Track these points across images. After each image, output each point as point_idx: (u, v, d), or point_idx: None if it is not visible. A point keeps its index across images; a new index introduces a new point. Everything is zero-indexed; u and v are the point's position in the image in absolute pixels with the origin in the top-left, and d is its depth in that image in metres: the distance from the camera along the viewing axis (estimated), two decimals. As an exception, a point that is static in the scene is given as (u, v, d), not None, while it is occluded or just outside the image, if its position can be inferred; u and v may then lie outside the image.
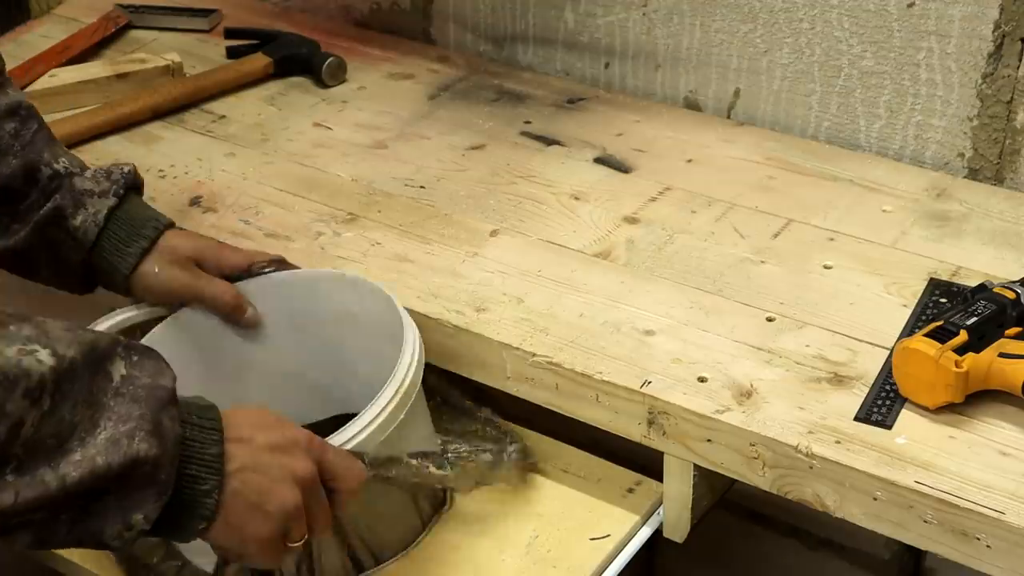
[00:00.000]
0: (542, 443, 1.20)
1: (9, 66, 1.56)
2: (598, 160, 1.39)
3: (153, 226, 1.16)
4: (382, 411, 1.00)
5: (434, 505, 1.13)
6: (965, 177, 1.35)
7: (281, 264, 1.18)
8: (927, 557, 1.44)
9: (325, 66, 1.56)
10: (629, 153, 1.39)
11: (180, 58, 1.58)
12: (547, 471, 1.17)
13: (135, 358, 0.86)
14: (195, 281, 1.15)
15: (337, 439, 0.98)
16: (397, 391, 1.02)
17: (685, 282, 1.19)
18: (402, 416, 1.02)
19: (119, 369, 0.84)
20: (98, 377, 0.83)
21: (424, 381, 1.07)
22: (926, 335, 1.01)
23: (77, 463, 0.80)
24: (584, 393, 1.09)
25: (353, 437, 0.98)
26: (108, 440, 0.81)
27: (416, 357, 1.05)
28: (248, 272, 1.17)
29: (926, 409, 1.02)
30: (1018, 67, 1.28)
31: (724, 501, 1.18)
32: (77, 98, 1.53)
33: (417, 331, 1.08)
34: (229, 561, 0.98)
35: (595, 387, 1.08)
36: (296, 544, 0.92)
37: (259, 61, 1.58)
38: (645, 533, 1.12)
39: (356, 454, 0.97)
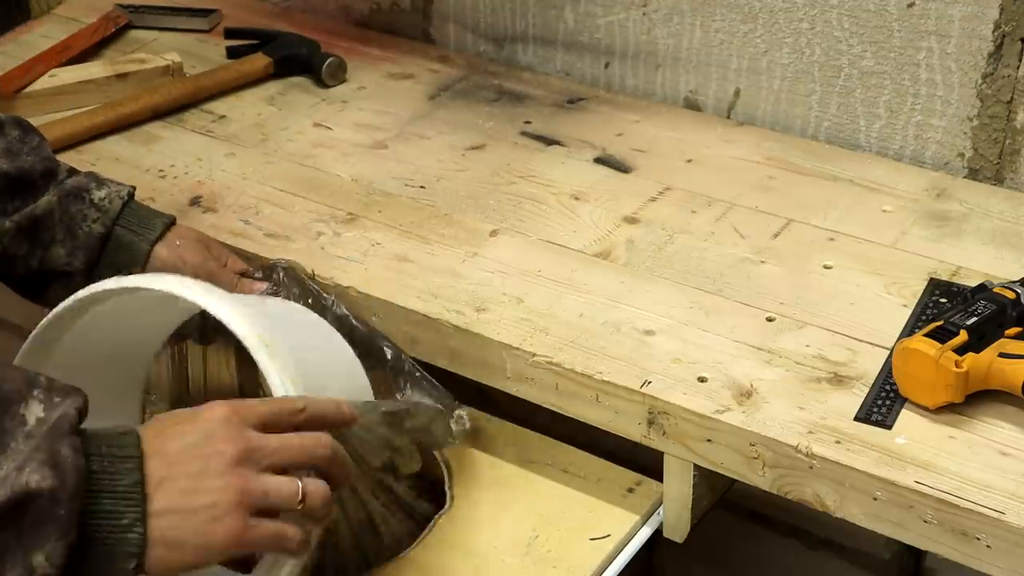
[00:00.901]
0: (542, 443, 1.20)
1: (9, 66, 1.57)
2: (598, 160, 1.39)
3: (169, 215, 1.19)
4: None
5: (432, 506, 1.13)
6: (965, 177, 1.35)
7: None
8: (927, 557, 1.43)
9: (325, 66, 1.56)
10: (629, 153, 1.39)
11: (180, 58, 1.58)
12: (547, 471, 1.17)
13: (56, 399, 0.80)
14: (208, 263, 1.16)
15: None
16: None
17: (685, 282, 1.19)
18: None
19: (36, 410, 0.79)
20: (6, 416, 0.78)
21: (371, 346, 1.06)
22: (926, 335, 1.01)
23: None
24: (584, 393, 1.09)
25: None
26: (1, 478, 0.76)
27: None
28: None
29: (926, 409, 1.02)
30: (1018, 67, 1.28)
31: (724, 501, 1.18)
32: (77, 98, 1.53)
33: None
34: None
35: (595, 387, 1.08)
36: (298, 506, 0.85)
37: (259, 61, 1.58)
38: (645, 533, 1.12)
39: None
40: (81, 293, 0.97)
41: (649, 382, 1.07)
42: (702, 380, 1.07)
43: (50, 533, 0.76)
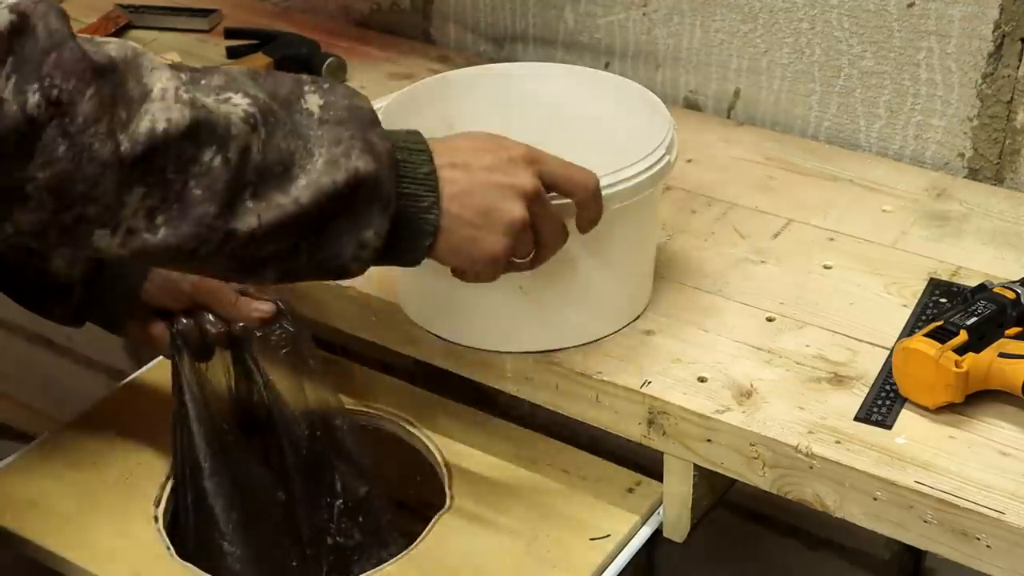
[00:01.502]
0: (542, 443, 1.20)
1: (9, 66, 1.57)
2: (598, 160, 1.38)
3: None
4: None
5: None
6: (965, 177, 1.35)
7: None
8: (927, 557, 1.44)
9: (325, 66, 1.56)
10: (629, 153, 1.39)
11: (180, 58, 1.58)
12: (547, 471, 1.17)
13: (326, 86, 0.89)
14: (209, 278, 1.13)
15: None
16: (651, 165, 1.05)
17: (685, 282, 1.19)
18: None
19: (315, 100, 0.88)
20: (294, 112, 0.87)
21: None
22: (926, 335, 1.01)
23: (305, 187, 0.84)
24: (584, 393, 1.09)
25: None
26: (327, 162, 0.85)
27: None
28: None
29: (926, 409, 1.02)
30: (1018, 67, 1.28)
31: (724, 501, 1.18)
32: (77, 98, 1.53)
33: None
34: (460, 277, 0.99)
35: (595, 387, 1.08)
36: (523, 261, 0.97)
37: (259, 61, 1.58)
38: (645, 533, 1.12)
39: None
40: None
41: (649, 382, 1.07)
42: (702, 380, 1.07)
43: (376, 210, 0.88)
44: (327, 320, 1.23)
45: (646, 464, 1.14)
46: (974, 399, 1.01)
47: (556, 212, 0.97)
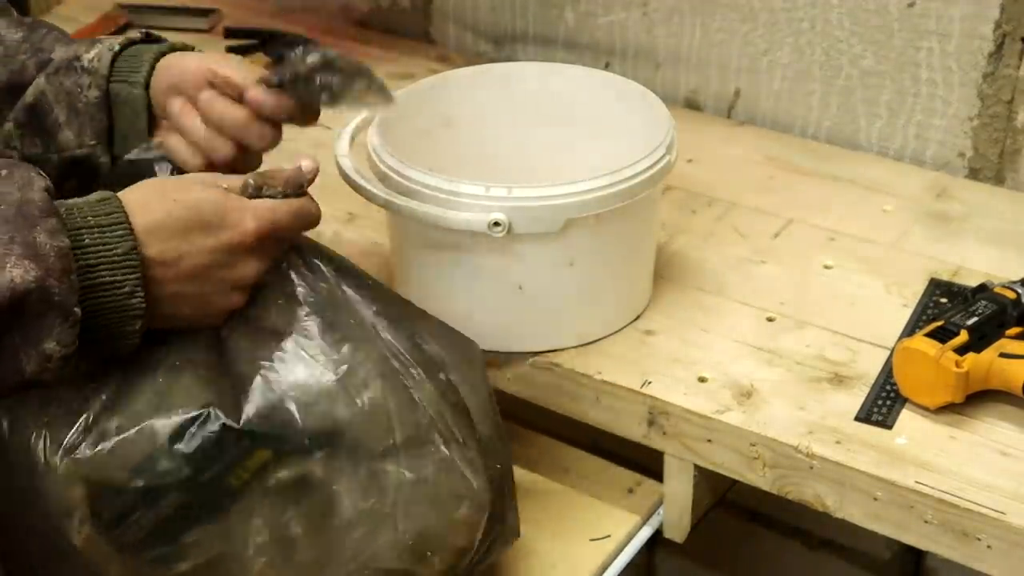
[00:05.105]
0: (542, 443, 1.20)
1: (9, 66, 1.57)
2: (598, 160, 1.38)
3: (168, 43, 1.05)
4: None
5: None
6: (965, 177, 1.35)
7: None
8: (927, 557, 1.43)
9: (325, 66, 1.55)
10: (629, 153, 1.39)
11: (180, 58, 1.58)
12: (547, 471, 1.17)
13: (3, 172, 0.78)
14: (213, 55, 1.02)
15: None
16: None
17: (685, 282, 1.19)
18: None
19: None
20: None
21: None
22: (927, 335, 1.01)
23: None
24: (584, 393, 1.09)
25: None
26: None
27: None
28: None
29: (926, 409, 1.02)
30: (1019, 67, 1.28)
31: (724, 501, 1.18)
32: (77, 98, 1.53)
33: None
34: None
35: (595, 387, 1.08)
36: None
37: (259, 61, 1.58)
38: (645, 533, 1.12)
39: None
40: None
41: (649, 382, 1.07)
42: (702, 380, 1.07)
43: (53, 321, 0.77)
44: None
45: (646, 464, 1.14)
46: (974, 399, 1.01)
47: (289, 219, 0.89)
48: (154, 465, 0.85)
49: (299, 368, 0.88)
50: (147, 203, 0.84)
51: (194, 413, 0.85)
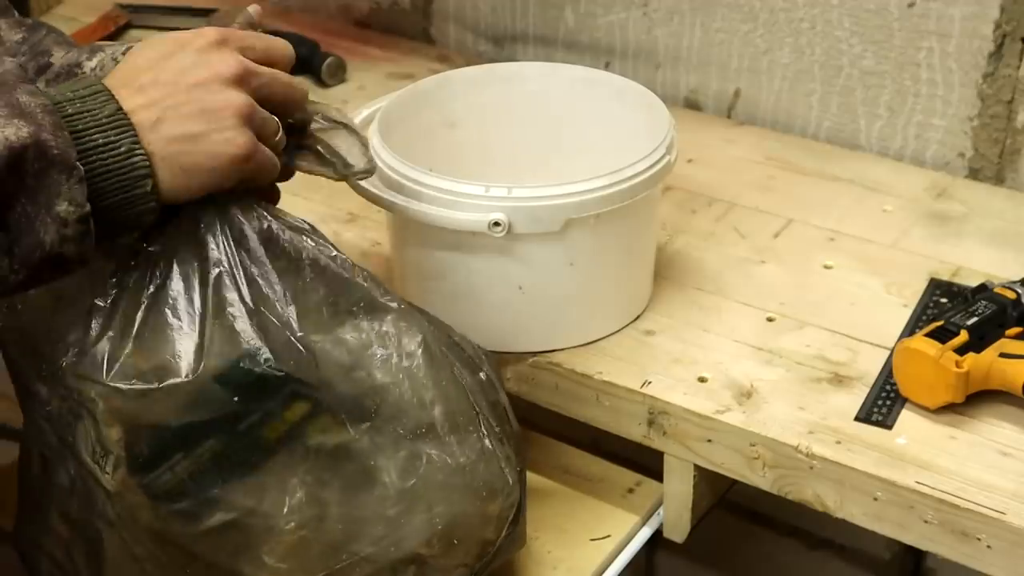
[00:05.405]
0: (542, 443, 1.20)
1: (9, 66, 1.57)
2: (598, 160, 1.38)
3: None
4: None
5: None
6: (966, 177, 1.35)
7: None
8: (928, 557, 1.43)
9: (325, 66, 1.55)
10: (629, 153, 1.39)
11: (180, 58, 1.58)
12: (547, 471, 1.17)
13: None
14: None
15: None
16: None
17: (685, 282, 1.19)
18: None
19: None
20: None
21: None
22: (927, 335, 1.01)
23: None
24: (584, 393, 1.09)
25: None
26: None
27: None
28: None
29: (926, 409, 1.02)
30: (1019, 67, 1.28)
31: (724, 501, 1.18)
32: (77, 98, 1.53)
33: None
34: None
35: (595, 387, 1.08)
36: (281, 136, 0.88)
37: (259, 61, 1.58)
38: (645, 533, 1.12)
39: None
40: None
41: (649, 382, 1.07)
42: (702, 380, 1.07)
43: (59, 179, 0.75)
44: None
45: (646, 464, 1.14)
46: (974, 399, 1.01)
47: (275, 72, 0.87)
48: (195, 402, 0.84)
49: (345, 330, 0.89)
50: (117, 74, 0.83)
51: (240, 352, 0.85)
